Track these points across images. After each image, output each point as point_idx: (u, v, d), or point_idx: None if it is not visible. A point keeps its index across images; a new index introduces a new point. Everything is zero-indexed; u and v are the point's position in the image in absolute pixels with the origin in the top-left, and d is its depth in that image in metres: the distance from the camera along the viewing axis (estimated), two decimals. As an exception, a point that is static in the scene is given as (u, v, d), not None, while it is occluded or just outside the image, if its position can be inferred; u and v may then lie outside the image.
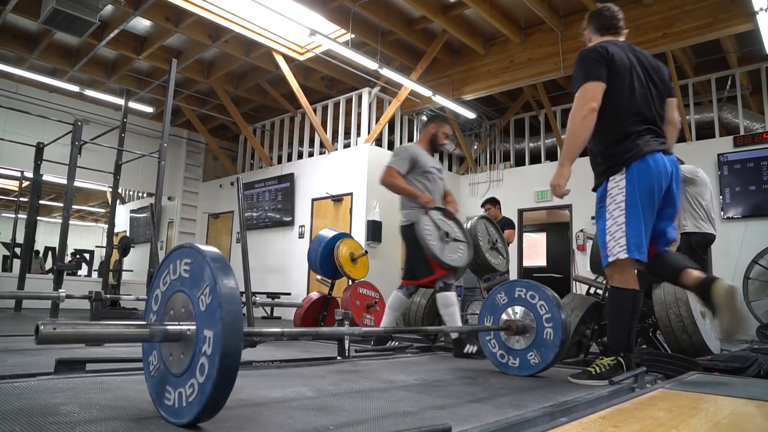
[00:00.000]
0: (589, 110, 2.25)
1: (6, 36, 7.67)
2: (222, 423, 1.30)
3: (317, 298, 4.72)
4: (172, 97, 5.62)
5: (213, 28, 7.51)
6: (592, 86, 2.27)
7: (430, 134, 3.73)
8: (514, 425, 1.36)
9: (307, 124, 9.32)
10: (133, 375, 1.93)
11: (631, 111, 2.31)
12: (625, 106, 2.31)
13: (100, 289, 4.46)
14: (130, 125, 7.44)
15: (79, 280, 9.94)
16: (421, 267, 3.43)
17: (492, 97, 8.70)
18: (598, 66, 2.29)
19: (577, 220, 8.14)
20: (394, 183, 3.49)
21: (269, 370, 2.42)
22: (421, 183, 3.55)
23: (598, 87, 2.27)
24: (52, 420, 1.25)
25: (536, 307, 2.46)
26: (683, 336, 2.88)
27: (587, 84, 2.28)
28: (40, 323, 1.07)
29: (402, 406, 1.66)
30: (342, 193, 8.24)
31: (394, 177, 3.49)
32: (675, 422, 1.46)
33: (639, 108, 2.32)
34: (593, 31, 2.56)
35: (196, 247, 1.28)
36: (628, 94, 2.31)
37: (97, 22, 5.72)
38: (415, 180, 3.55)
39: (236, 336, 1.16)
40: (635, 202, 2.21)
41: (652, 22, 6.21)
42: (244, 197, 7.47)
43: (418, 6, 6.43)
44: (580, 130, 2.27)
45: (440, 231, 3.41)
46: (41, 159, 7.08)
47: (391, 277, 7.94)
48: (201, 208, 11.15)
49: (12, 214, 10.43)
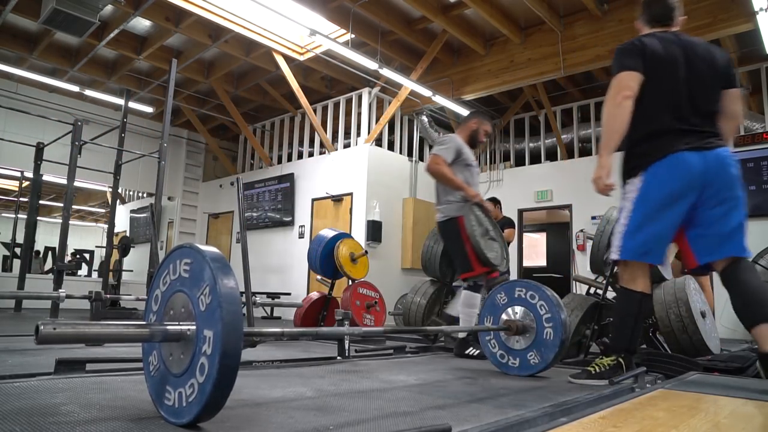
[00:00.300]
0: (622, 98, 2.17)
1: (6, 36, 7.67)
2: (222, 423, 1.30)
3: (317, 298, 4.72)
4: (172, 97, 5.62)
5: (213, 28, 7.51)
6: (625, 75, 2.20)
7: (471, 129, 3.59)
8: (514, 425, 1.36)
9: (307, 124, 9.32)
10: (133, 375, 1.93)
11: (663, 108, 2.21)
12: (655, 104, 2.21)
13: (100, 289, 4.46)
14: (130, 125, 7.44)
15: (79, 280, 9.94)
16: (459, 262, 3.35)
17: (492, 97, 8.69)
18: (633, 56, 2.22)
19: (577, 220, 8.14)
20: (442, 171, 3.30)
21: (269, 370, 2.42)
22: (463, 176, 3.40)
23: (632, 75, 2.19)
24: (52, 420, 1.25)
25: (536, 307, 2.46)
26: (683, 336, 2.88)
27: (620, 74, 2.21)
28: (40, 323, 1.07)
29: (402, 406, 1.66)
30: (342, 193, 8.24)
31: (442, 165, 3.30)
32: (675, 422, 1.46)
33: (674, 104, 2.20)
34: (644, 22, 2.45)
35: (196, 247, 1.28)
36: (661, 90, 2.21)
37: (97, 22, 5.73)
38: (457, 172, 3.38)
39: (236, 336, 1.16)
40: (646, 205, 2.16)
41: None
42: (244, 197, 7.47)
43: (418, 6, 6.43)
44: (613, 119, 2.19)
45: (482, 227, 3.32)
46: (41, 159, 7.08)
47: (391, 277, 7.96)
48: (201, 208, 11.15)
49: (12, 214, 10.44)
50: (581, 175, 8.43)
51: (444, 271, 4.59)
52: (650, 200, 2.16)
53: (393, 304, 6.69)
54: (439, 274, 4.56)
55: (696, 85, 2.22)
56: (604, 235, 3.34)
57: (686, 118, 2.20)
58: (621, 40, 6.34)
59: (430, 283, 4.63)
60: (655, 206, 2.15)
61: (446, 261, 4.56)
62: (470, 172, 3.45)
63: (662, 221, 2.16)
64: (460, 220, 3.28)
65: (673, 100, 2.21)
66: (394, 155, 8.66)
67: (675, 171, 2.14)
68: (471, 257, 3.26)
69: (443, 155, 3.34)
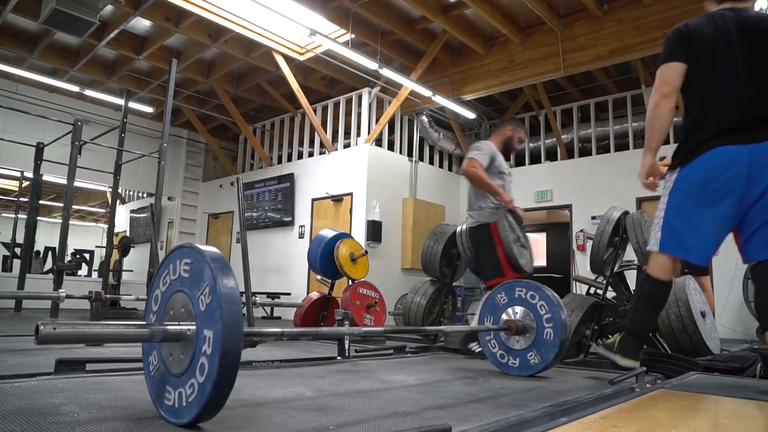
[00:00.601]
0: (661, 96, 2.11)
1: (6, 36, 7.67)
2: (222, 423, 1.30)
3: (317, 298, 4.72)
4: (172, 97, 5.62)
5: (213, 28, 7.51)
6: (666, 68, 2.12)
7: (505, 136, 3.56)
8: (514, 425, 1.36)
9: (307, 124, 9.32)
10: (133, 375, 1.93)
11: (708, 98, 2.10)
12: (702, 92, 2.11)
13: (100, 289, 4.46)
14: (130, 125, 7.44)
15: (79, 280, 9.94)
16: (491, 268, 3.33)
17: (492, 97, 8.70)
18: (675, 46, 2.13)
19: (577, 220, 8.14)
20: (479, 175, 3.27)
21: (269, 370, 2.42)
22: (495, 183, 3.40)
23: (673, 68, 2.11)
24: (52, 420, 1.25)
25: (536, 307, 2.46)
26: (683, 336, 2.88)
27: (662, 67, 2.14)
28: (40, 323, 1.07)
29: (402, 406, 1.66)
30: (342, 193, 8.24)
31: (479, 168, 3.27)
32: (675, 422, 1.46)
33: (721, 92, 2.07)
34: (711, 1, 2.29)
35: (196, 247, 1.28)
36: (708, 77, 2.09)
37: (97, 22, 5.73)
38: (491, 179, 3.37)
39: (236, 336, 1.16)
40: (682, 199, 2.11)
41: (652, 22, 6.20)
42: (244, 197, 7.47)
43: (418, 6, 6.43)
44: (653, 119, 2.13)
45: (514, 234, 3.33)
46: (41, 159, 7.08)
47: (391, 277, 7.96)
48: (201, 208, 11.15)
49: (12, 214, 10.43)
50: (581, 176, 8.46)
51: (444, 271, 4.58)
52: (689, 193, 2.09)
53: (393, 304, 6.69)
54: (439, 274, 4.56)
55: (754, 66, 2.05)
56: (604, 235, 3.34)
57: (737, 107, 2.05)
58: (621, 40, 6.45)
59: (430, 283, 4.63)
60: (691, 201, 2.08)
61: (446, 261, 4.56)
62: (503, 180, 3.44)
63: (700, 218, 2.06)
64: (492, 227, 3.28)
65: (721, 86, 2.08)
66: (394, 155, 8.66)
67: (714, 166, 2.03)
68: (503, 263, 3.26)
69: (480, 159, 3.31)
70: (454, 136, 9.60)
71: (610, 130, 8.26)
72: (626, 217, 3.44)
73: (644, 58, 7.21)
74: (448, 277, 4.63)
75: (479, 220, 3.38)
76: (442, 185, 9.43)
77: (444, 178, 9.59)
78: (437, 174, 9.47)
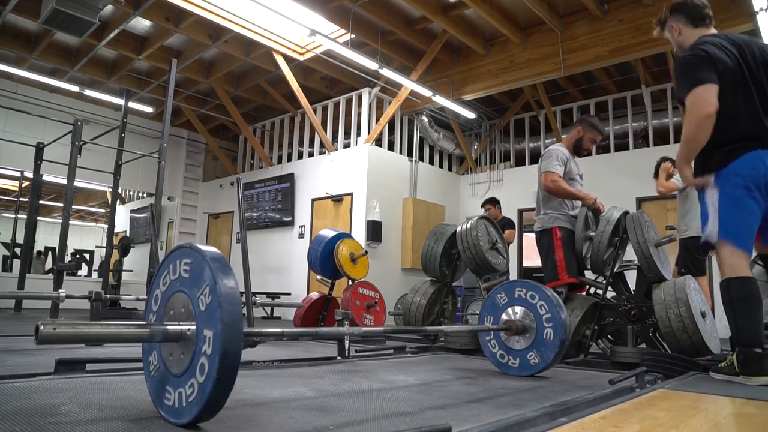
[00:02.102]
0: (704, 116, 2.19)
1: (6, 36, 7.67)
2: (222, 423, 1.30)
3: (317, 298, 4.72)
4: (172, 97, 5.62)
5: (213, 28, 7.51)
6: (703, 90, 2.20)
7: (576, 137, 3.59)
8: (514, 425, 1.36)
9: (307, 124, 9.32)
10: (133, 375, 1.93)
11: (731, 113, 2.24)
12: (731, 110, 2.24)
13: (100, 289, 4.47)
14: (130, 125, 7.44)
15: (79, 280, 9.94)
16: (548, 271, 3.42)
17: (492, 97, 8.70)
18: (706, 68, 2.21)
19: (577, 220, 8.14)
20: (561, 187, 3.37)
21: (269, 370, 2.42)
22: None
23: (711, 89, 2.19)
24: (52, 420, 1.25)
25: (536, 307, 2.46)
26: (683, 336, 2.88)
27: (697, 89, 2.20)
28: (40, 323, 1.07)
29: (402, 406, 1.66)
30: (342, 193, 8.25)
31: (559, 181, 3.37)
32: (675, 422, 1.46)
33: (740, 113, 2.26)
34: (685, 24, 2.45)
35: (196, 247, 1.28)
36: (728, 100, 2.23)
37: (97, 22, 5.73)
38: None
39: (236, 336, 1.16)
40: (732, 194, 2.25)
41: (652, 22, 6.20)
42: (244, 197, 7.47)
43: (418, 6, 6.43)
44: (694, 140, 2.26)
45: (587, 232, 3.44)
46: (41, 159, 7.08)
47: (391, 277, 7.96)
48: (201, 208, 11.15)
49: (12, 214, 10.44)
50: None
51: (444, 271, 4.58)
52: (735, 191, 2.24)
53: (393, 304, 6.69)
54: (439, 274, 4.55)
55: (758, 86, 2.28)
56: (604, 235, 3.34)
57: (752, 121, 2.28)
58: (621, 40, 6.45)
59: (430, 283, 4.62)
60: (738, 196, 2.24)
61: (446, 261, 4.56)
62: (573, 185, 3.50)
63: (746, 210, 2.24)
64: (554, 231, 3.38)
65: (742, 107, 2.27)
66: (394, 155, 8.66)
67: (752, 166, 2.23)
68: (559, 266, 3.34)
69: (556, 171, 3.38)
70: (454, 136, 9.61)
71: (610, 130, 8.26)
72: (626, 217, 3.44)
73: (644, 58, 7.22)
74: (448, 277, 4.62)
75: (543, 225, 3.48)
76: (442, 185, 9.43)
77: (444, 178, 9.60)
78: (437, 174, 9.47)
